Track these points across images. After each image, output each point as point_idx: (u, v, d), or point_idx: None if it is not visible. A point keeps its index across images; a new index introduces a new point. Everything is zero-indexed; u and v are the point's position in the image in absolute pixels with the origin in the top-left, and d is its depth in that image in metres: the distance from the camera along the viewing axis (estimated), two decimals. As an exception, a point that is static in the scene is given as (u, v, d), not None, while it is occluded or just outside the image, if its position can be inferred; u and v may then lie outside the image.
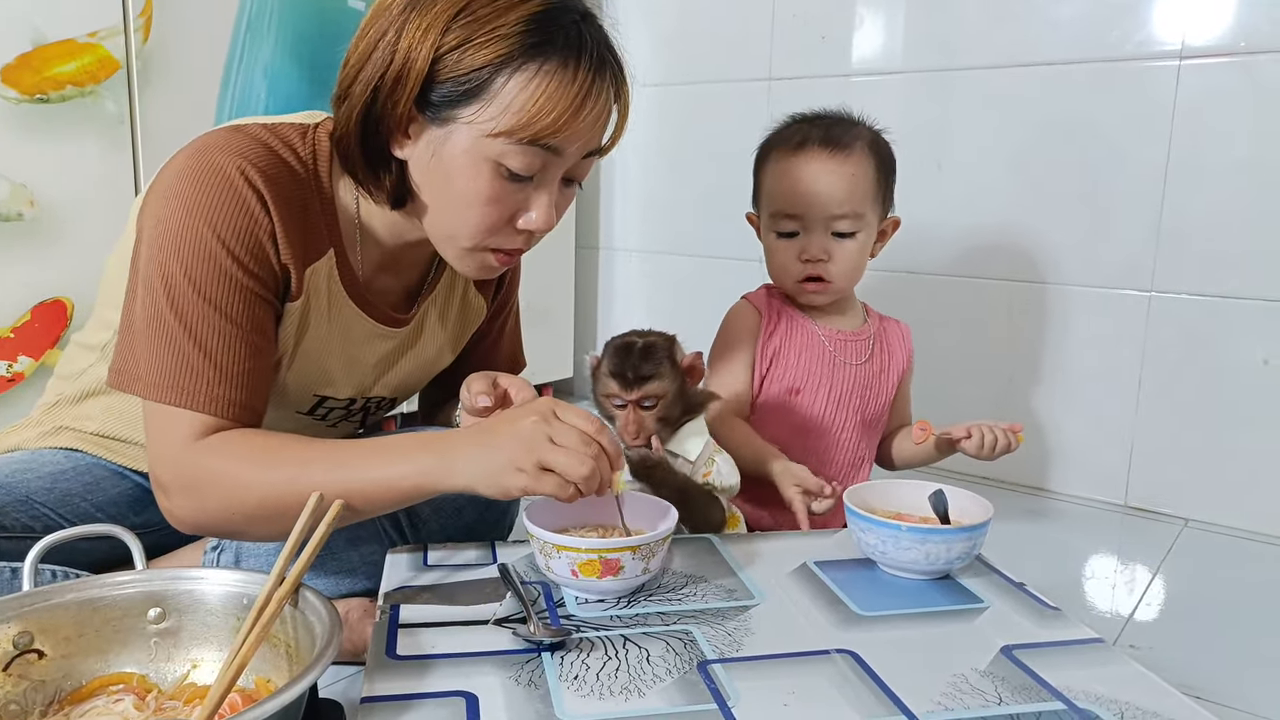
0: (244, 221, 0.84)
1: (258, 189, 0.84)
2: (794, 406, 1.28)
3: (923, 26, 1.80)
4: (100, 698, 0.72)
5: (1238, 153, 1.53)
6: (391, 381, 1.06)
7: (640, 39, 2.19)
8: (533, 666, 0.71)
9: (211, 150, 0.85)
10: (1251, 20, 1.49)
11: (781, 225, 1.23)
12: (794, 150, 1.22)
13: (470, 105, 0.82)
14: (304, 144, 0.91)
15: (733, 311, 1.34)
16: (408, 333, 1.04)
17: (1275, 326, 1.53)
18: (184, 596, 0.76)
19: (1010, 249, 1.76)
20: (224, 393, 0.84)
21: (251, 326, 0.86)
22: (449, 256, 0.93)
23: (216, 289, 0.84)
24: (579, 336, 2.35)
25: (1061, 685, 0.69)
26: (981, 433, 1.19)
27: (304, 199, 0.90)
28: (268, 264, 0.87)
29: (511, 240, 0.91)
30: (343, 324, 0.97)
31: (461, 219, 0.88)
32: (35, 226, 1.33)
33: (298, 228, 0.88)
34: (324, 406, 1.02)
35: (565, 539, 0.80)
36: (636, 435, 0.97)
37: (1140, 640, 1.17)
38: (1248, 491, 1.58)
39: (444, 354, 1.11)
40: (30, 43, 1.30)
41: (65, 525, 0.92)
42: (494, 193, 0.86)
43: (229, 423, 0.85)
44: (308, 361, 0.96)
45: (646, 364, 0.97)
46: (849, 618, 0.80)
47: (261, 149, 0.87)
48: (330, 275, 0.94)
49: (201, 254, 0.83)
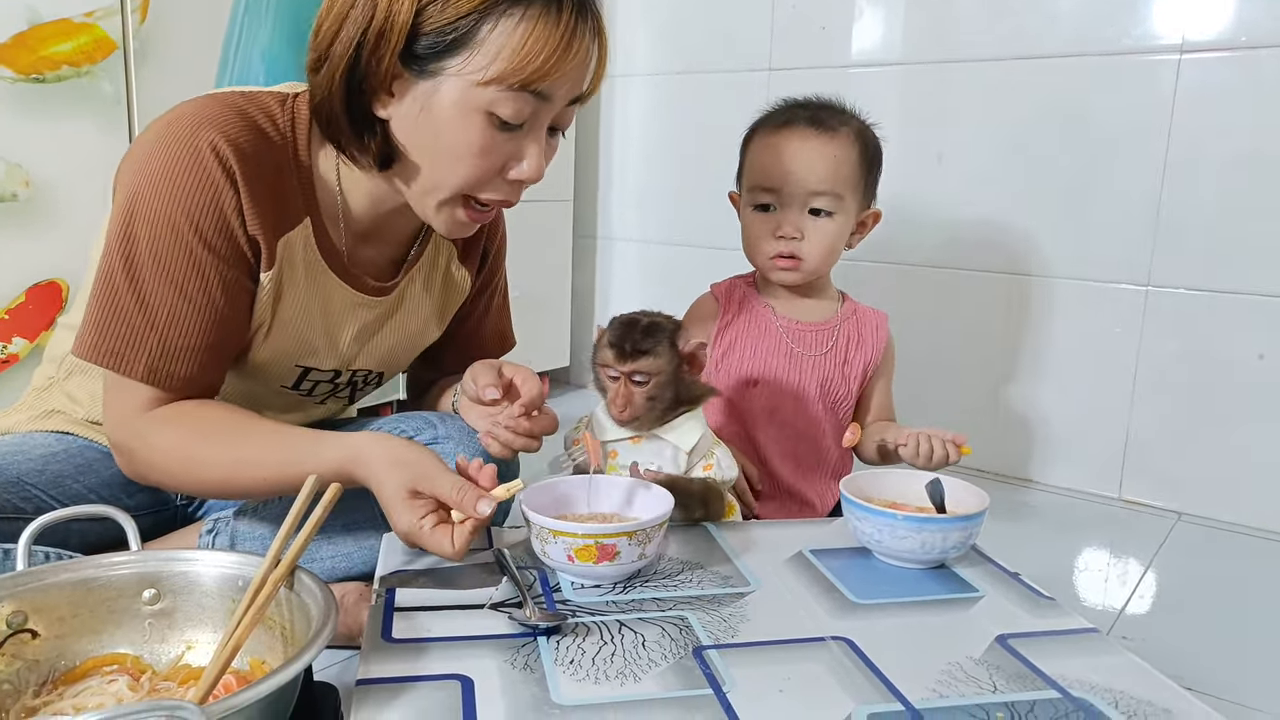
0: (208, 195, 0.84)
1: (225, 160, 0.84)
2: (753, 398, 1.27)
3: (922, 18, 1.79)
4: (94, 678, 0.72)
5: (1237, 148, 1.53)
6: (375, 352, 1.05)
7: (639, 28, 2.19)
8: (528, 650, 0.70)
9: (183, 120, 0.85)
10: (1252, 15, 1.49)
11: (759, 198, 1.22)
12: (778, 127, 1.22)
13: (457, 55, 0.81)
14: (283, 112, 0.90)
15: (695, 302, 1.35)
16: (389, 302, 1.03)
17: (1271, 321, 1.53)
18: (179, 578, 0.76)
19: (1008, 242, 1.76)
20: (165, 365, 0.86)
21: (207, 302, 0.86)
22: (426, 212, 0.92)
23: (174, 262, 0.84)
24: (576, 325, 2.35)
25: (1056, 674, 0.70)
26: (918, 441, 1.11)
27: (279, 167, 0.89)
28: (232, 238, 0.87)
29: (501, 191, 0.90)
30: (322, 293, 0.96)
31: (452, 172, 0.87)
32: (30, 207, 1.32)
33: (270, 197, 0.88)
34: (308, 380, 1.02)
35: (562, 524, 0.80)
36: (624, 409, 0.96)
37: (1133, 633, 1.18)
38: (1241, 486, 1.59)
39: (429, 327, 1.11)
40: (26, 22, 1.29)
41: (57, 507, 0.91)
42: (485, 143, 0.85)
43: (173, 395, 0.87)
44: (287, 331, 0.95)
45: (646, 339, 0.97)
46: (845, 605, 0.81)
47: (236, 117, 0.86)
48: (307, 244, 0.93)
49: (163, 226, 0.84)
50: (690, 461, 1.00)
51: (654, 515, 0.83)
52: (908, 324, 1.78)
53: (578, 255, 2.32)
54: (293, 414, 1.08)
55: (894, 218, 1.78)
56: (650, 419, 0.99)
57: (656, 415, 0.99)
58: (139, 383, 0.86)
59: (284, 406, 1.06)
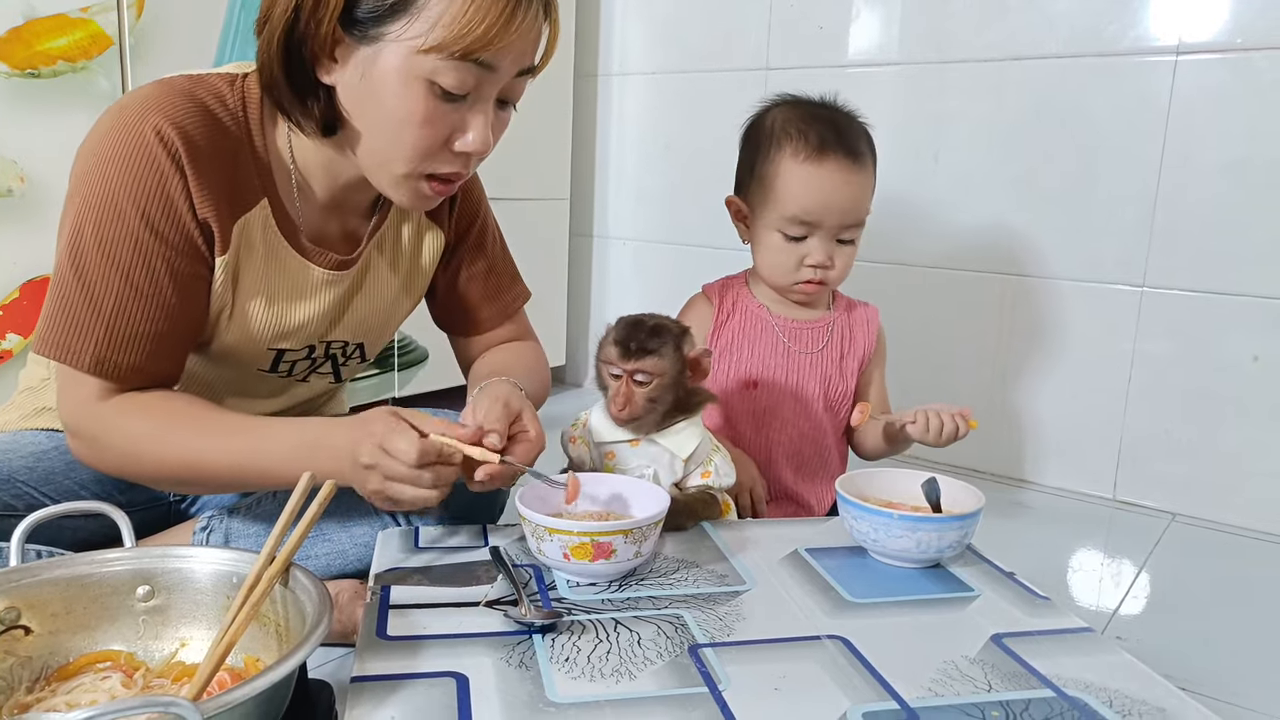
0: (154, 181, 0.83)
1: (170, 145, 0.83)
2: (753, 398, 1.27)
3: (919, 19, 1.79)
4: (87, 675, 0.71)
5: (1232, 149, 1.53)
6: (349, 325, 1.04)
7: (637, 26, 2.19)
8: (524, 648, 0.70)
9: (130, 108, 0.85)
10: (1248, 17, 1.49)
11: (792, 230, 1.21)
12: (816, 156, 1.19)
13: (397, 20, 0.80)
14: (232, 93, 0.89)
15: (687, 303, 1.34)
16: (355, 274, 1.01)
17: (1266, 323, 1.54)
18: (173, 575, 0.75)
19: (1003, 243, 1.76)
20: (112, 356, 0.85)
21: (154, 291, 0.86)
22: (383, 186, 0.91)
23: (120, 251, 0.84)
24: (572, 325, 2.35)
25: (1051, 673, 0.70)
26: (927, 417, 1.14)
27: (231, 150, 0.88)
28: (181, 224, 0.86)
29: (449, 164, 0.88)
30: (285, 273, 0.95)
31: (395, 143, 0.86)
32: (25, 203, 1.31)
33: (222, 180, 0.87)
34: (285, 360, 1.01)
35: (558, 522, 0.80)
36: (623, 407, 0.96)
37: (1126, 633, 1.18)
38: (1235, 487, 1.59)
39: (402, 293, 1.08)
40: (22, 16, 1.28)
41: (49, 503, 0.91)
42: (428, 113, 0.83)
43: (124, 386, 0.87)
44: (251, 314, 0.94)
45: (652, 340, 0.97)
46: (840, 604, 0.81)
47: (183, 101, 0.85)
48: (266, 225, 0.92)
49: (108, 215, 0.83)
50: (688, 468, 1.00)
51: (650, 513, 0.83)
52: (903, 324, 1.78)
53: (574, 254, 2.32)
54: (278, 398, 1.07)
55: (890, 218, 1.79)
56: (649, 422, 0.99)
57: (655, 419, 0.99)
58: (87, 374, 0.86)
59: (268, 392, 1.05)
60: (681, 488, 1.01)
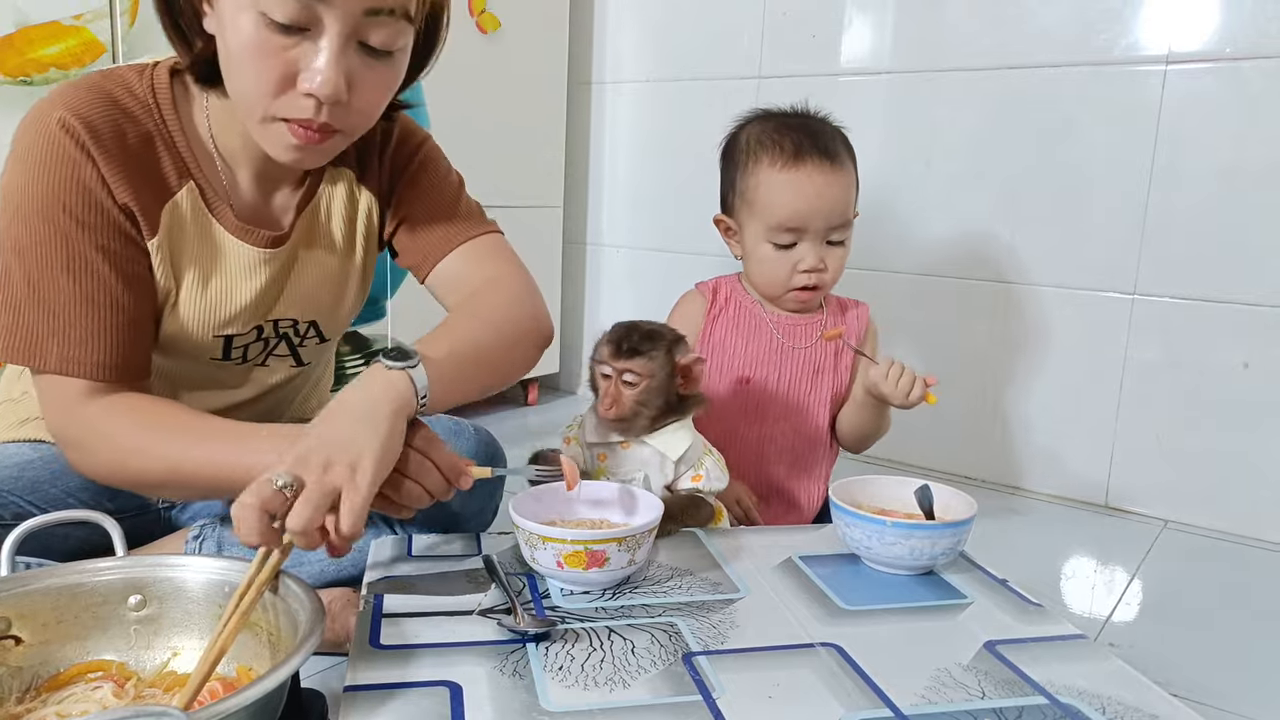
0: (67, 171, 0.84)
1: (75, 134, 0.84)
2: (746, 394, 1.28)
3: (912, 27, 1.80)
4: (78, 685, 0.71)
5: (1222, 157, 1.54)
6: (291, 301, 1.01)
7: (630, 35, 2.19)
8: (517, 657, 0.70)
9: (39, 107, 0.86)
10: (1237, 27, 1.51)
11: (780, 238, 1.22)
12: (793, 162, 1.20)
13: None
14: (140, 82, 0.90)
15: (681, 298, 1.35)
16: (288, 250, 0.99)
17: (1256, 330, 1.55)
18: (165, 584, 0.75)
19: (995, 250, 1.77)
20: (76, 353, 0.85)
21: (96, 282, 0.86)
22: (256, 138, 0.88)
23: (55, 249, 0.84)
24: (565, 331, 2.35)
25: (1044, 680, 0.70)
26: (891, 364, 1.19)
27: (144, 136, 0.89)
28: (103, 209, 0.86)
29: (299, 106, 0.83)
30: (218, 254, 0.95)
31: (241, 81, 0.83)
32: (16, 210, 1.31)
33: (136, 167, 0.88)
34: (236, 346, 1.00)
35: (551, 530, 0.80)
36: (610, 407, 0.96)
37: (1119, 639, 1.18)
38: (1227, 493, 1.60)
39: (346, 262, 1.05)
40: (14, 24, 1.28)
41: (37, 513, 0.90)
42: (260, 45, 0.80)
43: (102, 381, 0.86)
44: (191, 299, 0.94)
45: (645, 342, 0.97)
46: (834, 612, 0.81)
47: (87, 93, 0.86)
48: (195, 208, 0.92)
49: (37, 215, 0.84)
50: (678, 470, 1.00)
51: (644, 521, 0.83)
52: (895, 331, 1.79)
53: (567, 260, 2.32)
54: (243, 388, 1.06)
55: (881, 225, 1.80)
56: (637, 425, 0.99)
57: (644, 423, 0.99)
58: (59, 375, 0.86)
59: (233, 382, 1.04)
60: (673, 490, 1.01)
